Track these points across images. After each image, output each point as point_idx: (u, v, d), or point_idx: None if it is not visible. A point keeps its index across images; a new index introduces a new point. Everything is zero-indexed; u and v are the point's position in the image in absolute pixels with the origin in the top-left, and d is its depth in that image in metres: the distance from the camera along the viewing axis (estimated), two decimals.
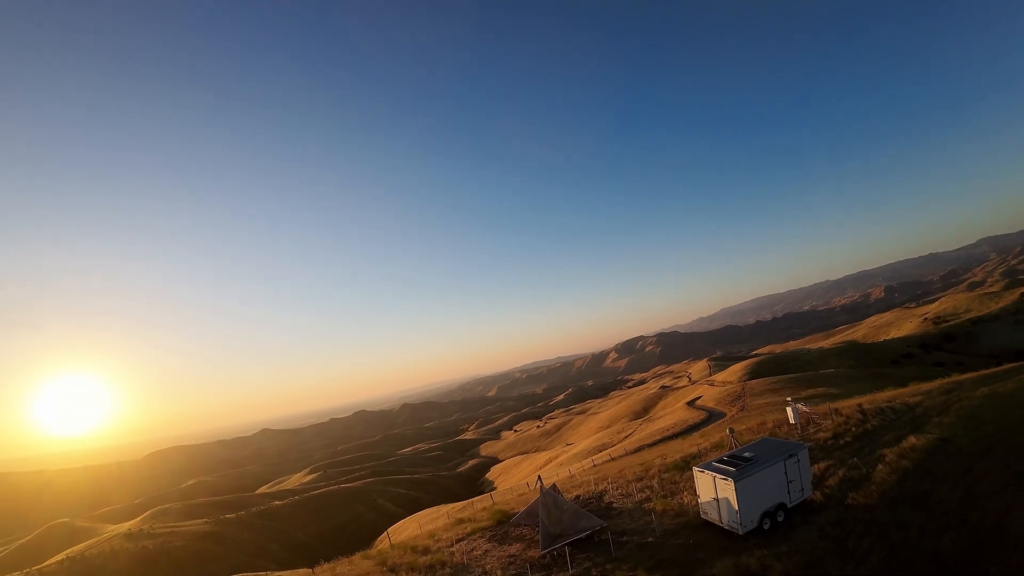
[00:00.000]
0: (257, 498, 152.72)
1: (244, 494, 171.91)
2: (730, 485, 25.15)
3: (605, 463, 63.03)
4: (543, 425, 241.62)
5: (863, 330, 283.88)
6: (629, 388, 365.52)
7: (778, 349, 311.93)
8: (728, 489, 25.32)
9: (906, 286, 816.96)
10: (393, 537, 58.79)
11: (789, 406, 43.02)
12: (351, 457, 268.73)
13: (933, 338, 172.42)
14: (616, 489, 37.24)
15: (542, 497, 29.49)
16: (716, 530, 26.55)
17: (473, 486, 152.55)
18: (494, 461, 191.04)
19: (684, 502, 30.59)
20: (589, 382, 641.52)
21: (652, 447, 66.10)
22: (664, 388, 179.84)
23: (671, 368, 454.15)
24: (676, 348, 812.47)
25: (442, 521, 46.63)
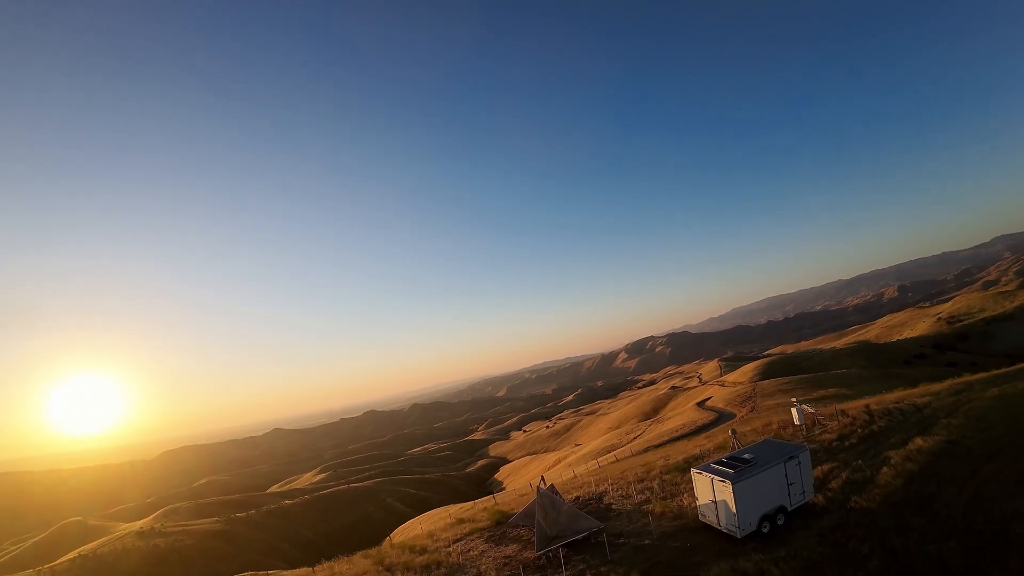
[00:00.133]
0: (268, 497, 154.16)
1: (255, 493, 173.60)
2: (728, 487, 24.71)
3: (610, 464, 62.70)
4: (552, 426, 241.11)
5: (876, 330, 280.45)
6: (639, 389, 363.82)
7: (790, 349, 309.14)
8: (726, 491, 24.88)
9: (919, 285, 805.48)
10: (400, 537, 58.84)
11: (794, 407, 42.49)
12: (361, 457, 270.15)
13: (947, 338, 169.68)
14: (616, 490, 36.94)
15: (539, 498, 29.33)
16: (714, 533, 26.10)
17: (482, 486, 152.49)
18: (503, 461, 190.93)
19: (683, 504, 30.21)
20: (599, 382, 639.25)
21: (659, 448, 65.58)
22: (674, 389, 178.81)
23: (681, 369, 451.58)
24: (686, 348, 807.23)
25: (442, 521, 46.62)
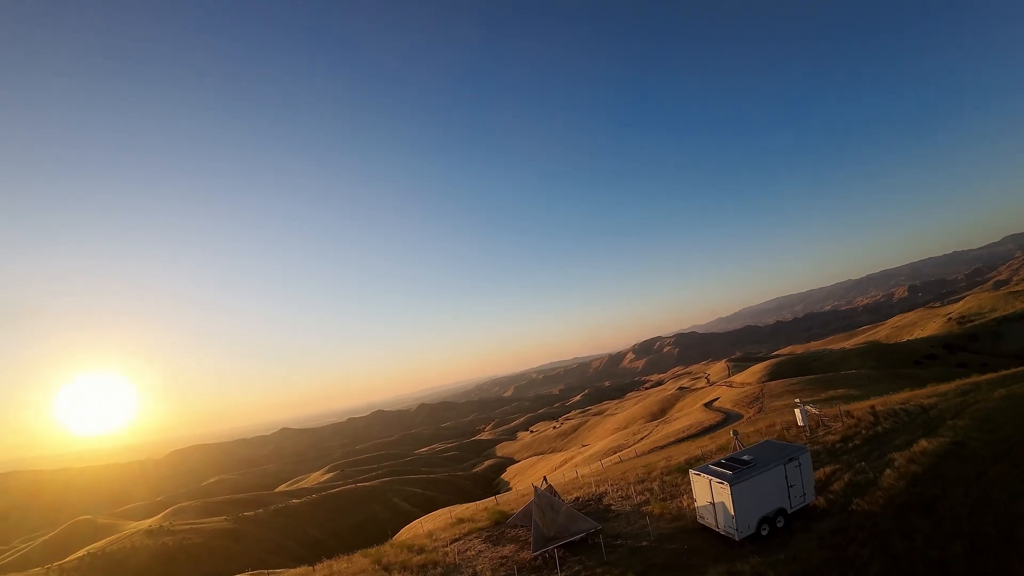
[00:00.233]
0: (275, 496, 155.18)
1: (263, 492, 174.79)
2: (726, 489, 24.35)
3: (613, 465, 62.36)
4: (559, 426, 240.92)
5: (886, 330, 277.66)
6: (646, 389, 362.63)
7: (799, 350, 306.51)
8: (724, 493, 24.51)
9: (930, 285, 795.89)
10: (405, 536, 58.97)
11: (797, 408, 42.08)
12: (368, 456, 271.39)
13: (957, 338, 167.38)
14: (616, 491, 36.69)
15: (536, 498, 29.15)
16: (712, 535, 25.73)
17: (489, 487, 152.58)
18: (510, 462, 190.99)
19: (683, 506, 29.90)
20: (606, 383, 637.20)
21: (663, 449, 65.17)
22: (682, 389, 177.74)
23: (689, 369, 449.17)
24: (694, 349, 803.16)
25: (444, 521, 46.59)
